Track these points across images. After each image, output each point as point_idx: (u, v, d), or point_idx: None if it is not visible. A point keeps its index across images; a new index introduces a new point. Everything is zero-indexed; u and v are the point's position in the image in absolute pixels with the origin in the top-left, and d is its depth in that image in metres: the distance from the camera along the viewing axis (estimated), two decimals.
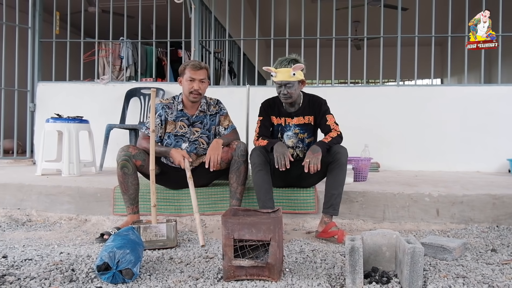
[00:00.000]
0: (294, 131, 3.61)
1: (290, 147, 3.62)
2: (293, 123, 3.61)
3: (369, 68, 6.13)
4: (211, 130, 3.71)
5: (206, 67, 3.57)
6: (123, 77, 7.00)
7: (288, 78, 3.34)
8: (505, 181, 4.50)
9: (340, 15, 6.76)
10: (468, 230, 3.42)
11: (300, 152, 3.63)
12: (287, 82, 3.36)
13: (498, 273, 2.36)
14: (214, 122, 3.72)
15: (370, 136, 5.65)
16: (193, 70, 3.49)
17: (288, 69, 3.34)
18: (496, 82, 6.10)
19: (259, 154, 3.31)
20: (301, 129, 3.60)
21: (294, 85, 3.40)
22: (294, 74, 3.34)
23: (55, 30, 6.83)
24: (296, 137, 3.61)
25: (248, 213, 2.64)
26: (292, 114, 3.61)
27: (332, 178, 3.29)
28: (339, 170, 3.27)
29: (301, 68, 3.37)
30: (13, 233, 3.45)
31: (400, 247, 2.21)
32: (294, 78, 3.36)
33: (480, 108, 5.74)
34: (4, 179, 4.33)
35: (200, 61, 3.62)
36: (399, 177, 4.82)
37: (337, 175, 3.27)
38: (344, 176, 3.31)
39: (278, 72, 3.37)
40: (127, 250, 2.26)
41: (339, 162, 3.25)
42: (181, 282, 2.25)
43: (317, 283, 2.21)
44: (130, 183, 3.35)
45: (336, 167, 3.26)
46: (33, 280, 2.25)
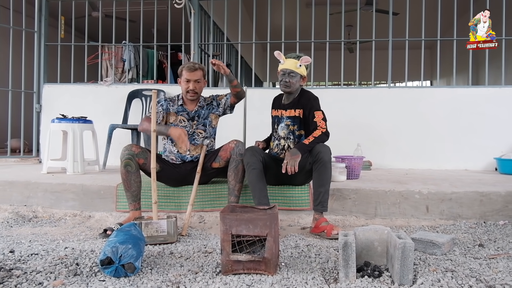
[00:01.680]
0: (286, 123, 3.63)
1: (282, 138, 3.65)
2: (286, 115, 3.65)
3: (361, 71, 6.12)
4: (208, 118, 3.76)
5: (201, 68, 3.62)
6: (125, 79, 6.99)
7: (293, 67, 3.50)
8: (492, 179, 4.51)
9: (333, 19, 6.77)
10: (457, 226, 3.43)
11: (291, 143, 3.62)
12: (291, 71, 3.50)
13: (485, 267, 2.36)
14: (210, 109, 3.78)
15: (363, 135, 5.66)
16: (189, 72, 3.56)
17: (296, 60, 3.50)
18: (484, 84, 6.10)
19: (252, 154, 3.34)
20: (292, 121, 3.62)
21: (296, 76, 3.53)
22: (300, 65, 3.49)
23: (60, 34, 6.82)
24: (287, 128, 3.63)
25: (245, 210, 2.64)
26: (285, 106, 3.67)
27: (317, 176, 3.29)
28: (323, 169, 3.27)
29: (308, 61, 3.51)
30: (20, 228, 3.44)
31: (391, 242, 2.21)
32: (299, 70, 3.51)
33: (468, 109, 5.74)
34: (11, 177, 4.32)
35: (196, 63, 3.65)
36: (390, 175, 4.83)
37: (322, 173, 3.27)
38: (329, 173, 3.30)
39: (287, 60, 3.52)
40: (129, 245, 2.26)
41: (322, 161, 3.26)
42: (181, 276, 2.24)
43: (312, 276, 2.21)
44: (133, 180, 3.36)
45: (320, 166, 3.27)
46: (39, 274, 2.25)
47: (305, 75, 3.59)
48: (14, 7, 6.26)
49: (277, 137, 3.68)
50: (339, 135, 3.54)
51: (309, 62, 3.52)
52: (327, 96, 4.60)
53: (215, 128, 3.84)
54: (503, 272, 2.27)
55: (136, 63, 7.18)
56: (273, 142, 3.72)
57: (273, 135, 3.77)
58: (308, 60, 3.50)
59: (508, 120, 5.65)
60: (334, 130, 3.59)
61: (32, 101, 6.51)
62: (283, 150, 3.63)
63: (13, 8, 6.23)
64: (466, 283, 2.09)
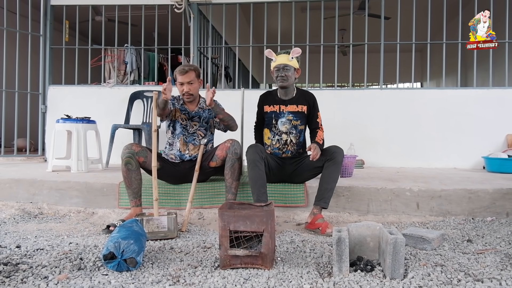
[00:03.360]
0: (288, 118, 3.63)
1: (284, 133, 3.64)
2: (287, 110, 3.65)
3: (354, 73, 6.12)
4: (208, 122, 3.74)
5: (193, 69, 3.54)
6: (127, 81, 6.97)
7: (286, 61, 3.51)
8: (480, 177, 4.51)
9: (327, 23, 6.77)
10: (446, 222, 3.43)
11: (293, 137, 3.64)
12: (285, 65, 3.51)
13: (473, 261, 2.36)
14: (212, 116, 3.74)
15: (356, 135, 5.67)
16: (181, 75, 3.52)
17: (287, 54, 3.52)
18: (472, 86, 6.11)
19: (255, 151, 3.31)
20: (295, 116, 3.63)
21: (291, 69, 3.54)
22: (292, 58, 3.51)
23: (65, 37, 6.82)
24: (290, 123, 3.63)
25: (242, 207, 2.64)
26: (286, 101, 3.67)
27: (327, 174, 3.30)
28: (335, 168, 3.29)
29: (299, 52, 3.52)
30: (26, 225, 3.43)
31: (383, 237, 2.21)
32: (291, 62, 3.52)
33: (457, 110, 5.76)
34: (18, 175, 4.31)
35: (186, 65, 3.59)
36: (382, 173, 4.83)
37: (333, 172, 3.29)
38: (338, 174, 3.32)
39: (278, 57, 3.54)
40: (131, 241, 2.25)
41: (336, 160, 3.29)
42: (181, 270, 2.24)
43: (307, 271, 2.21)
44: (134, 178, 3.35)
45: (332, 165, 3.29)
46: (45, 268, 2.24)
47: (298, 67, 3.59)
48: (21, 12, 6.26)
49: (277, 132, 3.65)
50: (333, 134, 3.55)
51: (299, 53, 3.52)
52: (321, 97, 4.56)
53: (214, 132, 3.85)
54: (490, 266, 2.27)
55: (138, 65, 7.17)
56: (272, 139, 3.67)
57: (270, 131, 3.69)
58: (299, 51, 3.51)
59: (495, 120, 5.67)
60: (328, 130, 3.61)
61: (38, 102, 6.52)
62: (286, 144, 3.62)
63: (20, 13, 6.23)
64: (455, 277, 2.09)
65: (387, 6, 6.19)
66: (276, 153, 3.66)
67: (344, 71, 6.86)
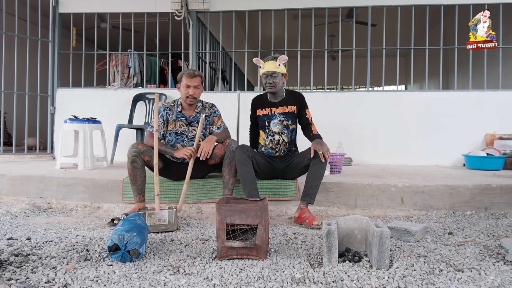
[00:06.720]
0: (279, 119, 3.62)
1: (277, 133, 3.62)
2: (278, 112, 3.63)
3: (343, 76, 6.14)
4: (206, 129, 3.70)
5: (200, 75, 3.55)
6: (130, 84, 6.95)
7: (274, 68, 3.47)
8: (461, 173, 4.53)
9: (318, 30, 6.77)
10: (429, 216, 3.44)
11: (285, 137, 3.62)
12: (273, 72, 3.47)
13: (454, 253, 2.36)
14: (209, 122, 3.71)
15: (344, 134, 5.68)
16: (189, 78, 3.50)
17: (274, 61, 3.47)
18: (453, 88, 6.13)
19: (242, 151, 3.32)
20: (286, 117, 3.62)
21: (279, 76, 3.51)
22: (279, 65, 3.46)
23: (72, 43, 6.82)
24: (281, 124, 3.62)
25: (238, 201, 2.63)
26: (276, 104, 3.65)
27: (314, 171, 3.28)
28: (320, 165, 3.27)
29: (285, 59, 3.48)
30: (35, 218, 3.42)
31: (370, 230, 2.22)
32: (279, 69, 3.48)
33: (439, 111, 5.78)
34: (28, 172, 4.30)
35: (195, 70, 3.59)
36: (369, 170, 4.83)
37: (318, 169, 3.27)
38: (323, 171, 3.30)
39: (266, 64, 3.49)
40: (134, 233, 2.25)
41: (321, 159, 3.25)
42: (180, 261, 2.24)
43: (298, 261, 2.21)
44: (139, 175, 3.34)
45: (318, 163, 3.26)
46: (53, 259, 2.23)
47: (285, 72, 3.57)
48: (31, 19, 6.24)
49: (270, 133, 3.63)
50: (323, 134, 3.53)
51: (286, 60, 3.49)
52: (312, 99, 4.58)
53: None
54: (470, 257, 2.27)
55: (141, 69, 7.15)
56: (266, 139, 3.66)
57: (265, 132, 3.67)
58: (285, 58, 3.48)
59: (474, 121, 5.69)
60: (318, 130, 3.59)
61: (47, 104, 6.51)
62: (278, 144, 3.61)
63: (30, 20, 6.21)
64: (437, 267, 2.09)
65: (374, 14, 6.20)
66: (270, 153, 3.65)
67: (333, 74, 6.86)
